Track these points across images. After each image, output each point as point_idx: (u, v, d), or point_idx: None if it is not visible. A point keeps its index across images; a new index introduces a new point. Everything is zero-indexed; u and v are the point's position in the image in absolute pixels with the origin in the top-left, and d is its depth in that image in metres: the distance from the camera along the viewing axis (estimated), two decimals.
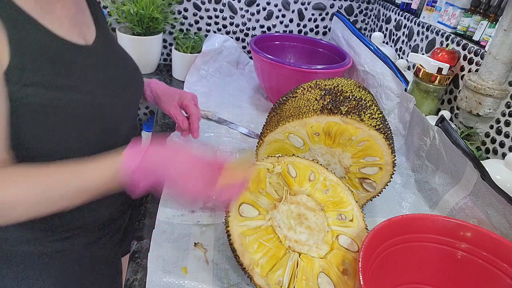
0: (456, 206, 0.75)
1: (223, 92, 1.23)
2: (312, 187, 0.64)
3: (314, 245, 0.59)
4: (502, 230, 0.65)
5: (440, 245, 0.60)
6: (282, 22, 1.52)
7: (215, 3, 1.43)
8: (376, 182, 0.72)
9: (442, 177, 0.82)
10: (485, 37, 0.95)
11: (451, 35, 1.06)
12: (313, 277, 0.55)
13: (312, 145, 0.71)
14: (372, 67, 1.10)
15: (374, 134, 0.66)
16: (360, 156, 0.70)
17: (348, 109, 0.67)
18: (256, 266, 0.55)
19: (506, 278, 0.55)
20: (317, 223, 0.61)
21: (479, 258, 0.58)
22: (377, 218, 0.78)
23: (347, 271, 0.57)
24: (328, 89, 0.72)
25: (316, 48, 1.30)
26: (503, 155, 0.88)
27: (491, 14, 0.95)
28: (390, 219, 0.57)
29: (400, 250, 0.58)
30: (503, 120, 0.88)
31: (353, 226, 0.62)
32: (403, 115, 0.98)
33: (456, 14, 1.05)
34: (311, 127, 0.68)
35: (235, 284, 0.60)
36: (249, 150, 0.90)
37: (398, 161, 0.77)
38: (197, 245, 0.65)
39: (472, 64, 0.97)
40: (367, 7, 1.56)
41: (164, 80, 1.35)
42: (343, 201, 0.64)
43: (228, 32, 1.50)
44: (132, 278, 0.59)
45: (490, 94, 0.87)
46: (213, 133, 1.00)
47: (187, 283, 0.58)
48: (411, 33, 1.25)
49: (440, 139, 0.82)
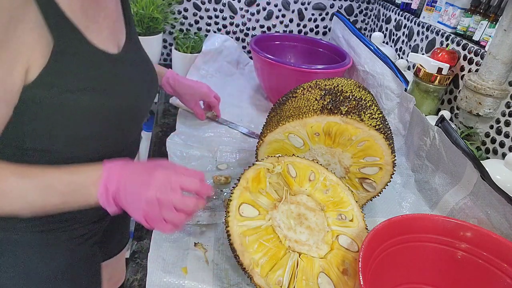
0: (456, 206, 0.75)
1: (223, 92, 1.23)
2: (312, 187, 0.64)
3: (314, 245, 0.59)
4: (502, 230, 0.65)
5: (440, 245, 0.60)
6: (282, 22, 1.52)
7: (215, 3, 1.43)
8: (376, 182, 0.72)
9: (442, 177, 0.82)
10: (485, 37, 0.95)
11: (451, 35, 1.06)
12: (313, 277, 0.55)
13: (312, 145, 0.71)
14: (372, 67, 1.10)
15: (374, 134, 0.66)
16: (360, 156, 0.70)
17: (348, 109, 0.67)
18: (256, 266, 0.55)
19: (506, 278, 0.55)
20: (317, 223, 0.61)
21: (479, 258, 0.58)
22: (377, 218, 0.78)
23: (347, 271, 0.57)
24: (328, 89, 0.72)
25: (316, 48, 1.30)
26: (503, 155, 0.88)
27: (491, 14, 0.95)
28: (390, 219, 0.57)
29: (400, 250, 0.58)
30: (503, 120, 0.88)
31: (353, 226, 0.62)
32: (403, 115, 0.98)
33: (456, 14, 1.05)
34: (311, 127, 0.68)
35: (235, 284, 0.60)
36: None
37: (398, 161, 0.77)
38: (197, 245, 0.65)
39: (472, 64, 0.97)
40: (367, 7, 1.56)
41: None
42: (343, 201, 0.64)
43: (228, 32, 1.50)
44: (132, 278, 0.59)
45: (490, 94, 0.87)
46: (213, 133, 1.00)
47: (187, 283, 0.58)
48: (411, 33, 1.25)
49: (440, 139, 0.82)
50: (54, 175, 0.53)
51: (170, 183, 0.54)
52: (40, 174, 0.52)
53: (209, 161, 0.89)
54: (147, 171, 0.55)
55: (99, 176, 0.54)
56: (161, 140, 0.95)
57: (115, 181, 0.54)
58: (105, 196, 0.53)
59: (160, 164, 0.58)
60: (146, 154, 0.96)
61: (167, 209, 0.54)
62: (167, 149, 0.88)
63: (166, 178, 0.55)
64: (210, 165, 0.87)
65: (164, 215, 0.54)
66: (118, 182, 0.54)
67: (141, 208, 0.54)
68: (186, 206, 0.55)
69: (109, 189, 0.53)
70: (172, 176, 0.55)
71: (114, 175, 0.54)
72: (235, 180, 0.63)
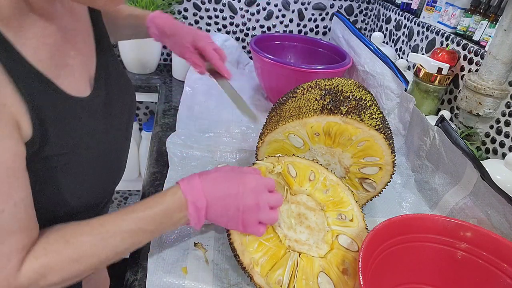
0: (456, 206, 0.75)
1: (223, 92, 1.23)
2: (312, 187, 0.64)
3: (314, 244, 0.59)
4: (502, 230, 0.65)
5: (440, 245, 0.60)
6: (282, 22, 1.52)
7: (215, 3, 1.43)
8: (376, 182, 0.72)
9: (442, 177, 0.82)
10: (485, 37, 0.95)
11: (451, 35, 1.06)
12: (313, 277, 0.55)
13: (312, 145, 0.71)
14: (372, 67, 1.10)
15: (374, 134, 0.66)
16: (360, 156, 0.70)
17: (348, 109, 0.67)
18: (256, 266, 0.55)
19: (506, 278, 0.55)
20: (317, 222, 0.61)
21: (479, 258, 0.58)
22: (377, 218, 0.78)
23: (347, 270, 0.57)
24: (328, 89, 0.72)
25: (316, 48, 1.30)
26: (503, 155, 0.88)
27: (491, 14, 0.95)
28: (390, 219, 0.57)
29: (400, 250, 0.58)
30: (503, 120, 0.88)
31: (353, 226, 0.62)
32: (403, 115, 0.98)
33: (456, 14, 1.05)
34: (311, 127, 0.68)
35: (235, 284, 0.60)
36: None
37: (398, 161, 0.77)
38: (197, 245, 0.65)
39: (472, 64, 0.97)
40: (367, 7, 1.56)
41: (164, 80, 1.36)
42: (343, 201, 0.64)
43: (228, 32, 1.50)
44: (132, 278, 0.59)
45: (490, 94, 0.87)
46: (213, 133, 1.00)
47: (187, 283, 0.58)
48: (411, 33, 1.25)
49: (440, 139, 0.82)
50: (135, 218, 0.50)
51: (259, 185, 0.55)
52: (115, 224, 0.49)
53: (209, 161, 0.89)
54: (230, 180, 0.55)
55: (183, 199, 0.52)
56: (161, 140, 0.95)
57: (202, 198, 0.52)
58: (196, 215, 0.53)
59: (232, 170, 0.57)
60: (146, 154, 0.96)
61: (264, 210, 0.55)
62: (167, 149, 0.88)
63: (255, 181, 0.55)
64: (210, 165, 0.87)
65: (261, 217, 0.55)
66: (206, 198, 0.53)
67: (238, 217, 0.54)
68: (279, 202, 0.56)
69: (199, 208, 0.52)
70: (257, 179, 0.56)
71: (199, 193, 0.53)
72: None
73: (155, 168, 0.85)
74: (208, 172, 0.56)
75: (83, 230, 0.48)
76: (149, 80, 1.35)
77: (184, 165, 0.85)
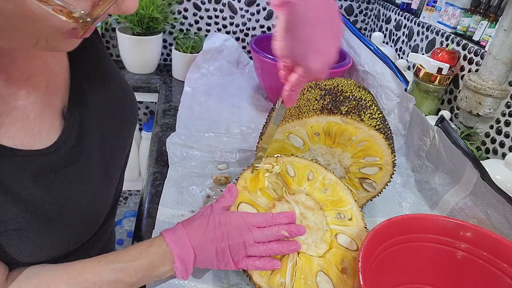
0: (456, 206, 0.75)
1: (223, 92, 1.23)
2: (310, 186, 0.64)
3: (312, 244, 0.59)
4: (502, 230, 0.65)
5: (440, 245, 0.60)
6: None
7: (215, 3, 1.43)
8: (376, 182, 0.72)
9: (442, 177, 0.82)
10: (485, 37, 0.95)
11: (451, 35, 1.06)
12: (312, 276, 0.55)
13: (312, 145, 0.71)
14: (372, 67, 1.10)
15: (374, 134, 0.66)
16: (360, 156, 0.70)
17: (348, 109, 0.67)
18: None
19: (506, 278, 0.55)
20: (315, 222, 0.61)
21: (479, 258, 0.58)
22: (377, 218, 0.78)
23: (346, 270, 0.57)
24: (328, 89, 0.72)
25: None
26: (503, 155, 0.88)
27: (491, 14, 0.95)
28: (390, 219, 0.57)
29: (400, 250, 0.58)
30: (503, 120, 0.88)
31: (352, 225, 0.62)
32: (403, 115, 0.98)
33: (456, 14, 1.05)
34: (311, 127, 0.68)
35: (235, 284, 0.60)
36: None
37: (398, 161, 0.77)
38: None
39: (472, 64, 0.97)
40: (367, 7, 1.56)
41: (164, 80, 1.36)
42: (342, 200, 0.64)
43: (228, 32, 1.50)
44: None
45: (490, 94, 0.87)
46: (213, 133, 1.00)
47: (187, 283, 0.58)
48: (411, 33, 1.25)
49: (440, 139, 0.81)
50: (116, 269, 0.48)
51: (242, 224, 0.54)
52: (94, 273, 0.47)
53: (209, 161, 0.89)
54: (215, 223, 0.54)
55: (168, 252, 0.51)
56: (161, 140, 0.95)
57: (189, 249, 0.52)
58: (184, 268, 0.52)
59: (214, 212, 0.55)
60: (146, 154, 0.96)
61: (251, 247, 0.53)
62: (167, 149, 0.88)
63: (239, 220, 0.54)
64: (210, 165, 0.87)
65: (251, 253, 0.54)
66: (193, 248, 0.52)
67: (228, 257, 0.53)
68: (267, 236, 0.54)
69: (187, 261, 0.52)
70: (243, 217, 0.54)
71: (186, 244, 0.52)
72: (235, 180, 0.63)
73: (155, 168, 0.85)
74: (191, 220, 0.55)
75: (60, 278, 0.45)
76: (149, 80, 1.35)
77: (184, 165, 0.85)
